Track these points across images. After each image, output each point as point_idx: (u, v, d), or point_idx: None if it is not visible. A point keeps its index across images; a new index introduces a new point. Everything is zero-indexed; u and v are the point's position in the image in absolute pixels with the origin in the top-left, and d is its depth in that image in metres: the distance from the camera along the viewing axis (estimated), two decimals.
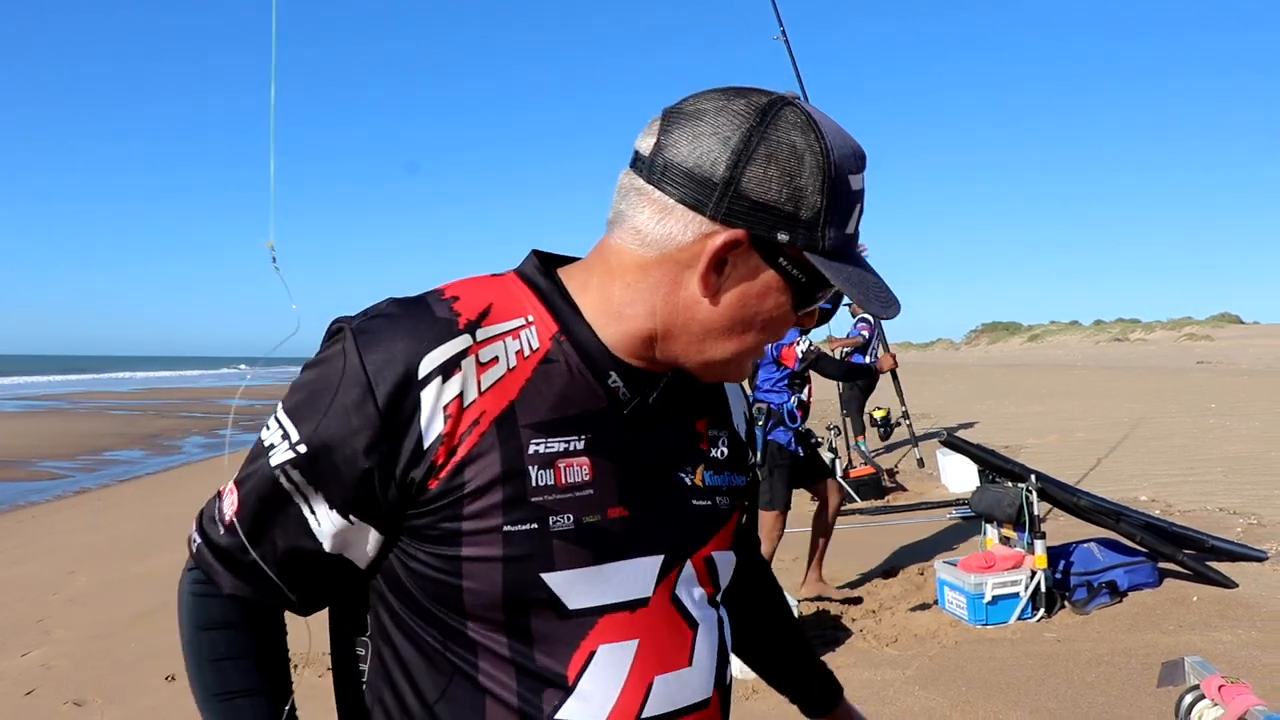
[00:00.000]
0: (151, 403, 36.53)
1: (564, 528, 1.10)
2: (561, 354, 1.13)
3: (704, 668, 1.22)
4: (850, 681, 4.62)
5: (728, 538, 1.28)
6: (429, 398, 1.06)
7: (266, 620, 1.18)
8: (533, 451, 1.09)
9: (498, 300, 1.14)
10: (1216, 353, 33.72)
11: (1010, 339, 71.57)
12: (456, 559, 1.08)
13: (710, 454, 1.26)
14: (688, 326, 1.12)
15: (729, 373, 1.19)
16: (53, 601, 7.46)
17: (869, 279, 1.13)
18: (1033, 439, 13.08)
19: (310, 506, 1.10)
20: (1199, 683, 2.15)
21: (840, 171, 1.07)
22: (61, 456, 17.92)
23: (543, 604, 1.10)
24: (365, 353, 1.07)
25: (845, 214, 1.09)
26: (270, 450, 1.11)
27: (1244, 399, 16.20)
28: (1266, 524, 7.17)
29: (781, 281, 1.10)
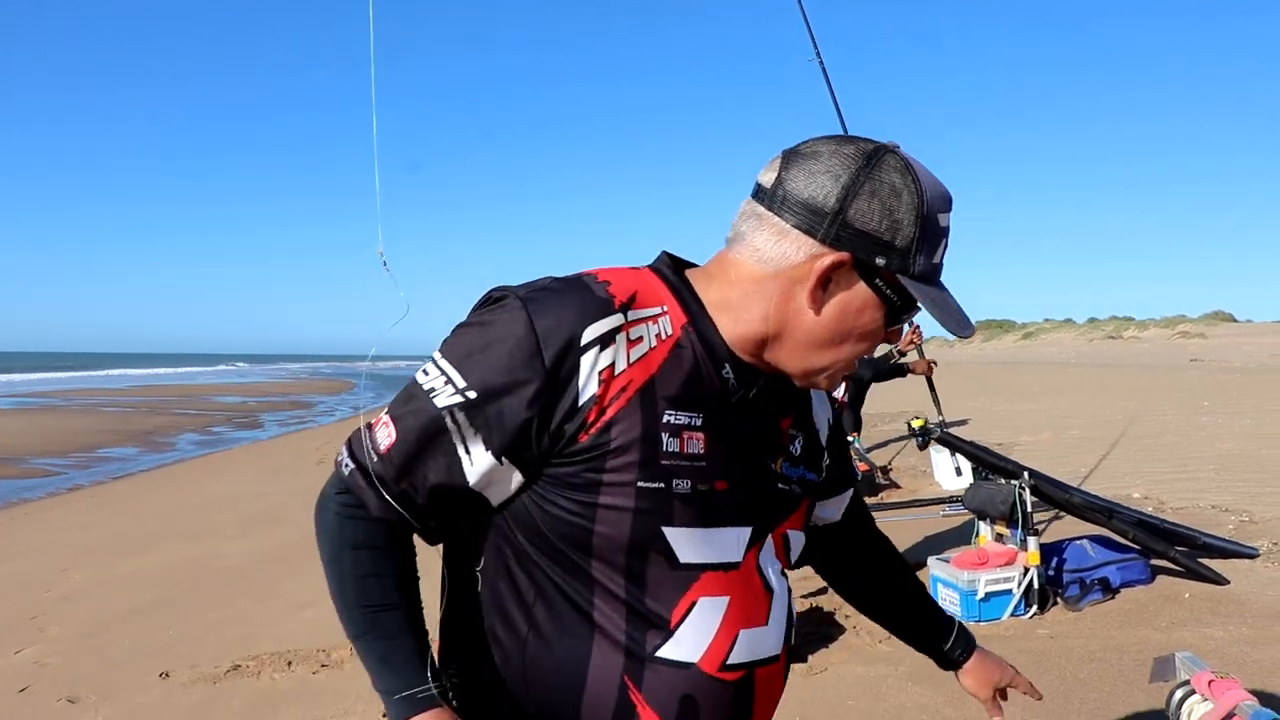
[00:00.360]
0: (145, 400, 36.42)
1: (683, 491, 1.28)
2: (689, 342, 1.32)
3: (778, 628, 1.42)
4: (844, 677, 4.64)
5: (800, 520, 1.50)
6: (587, 363, 1.23)
7: (405, 543, 1.34)
8: (666, 420, 1.27)
9: (642, 289, 1.32)
10: (1210, 351, 33.82)
11: (1004, 337, 71.72)
12: (593, 505, 1.26)
13: (789, 449, 1.46)
14: (794, 334, 1.31)
15: (822, 381, 1.38)
16: (46, 599, 7.44)
17: (950, 302, 1.33)
18: (1026, 436, 13.10)
19: (467, 447, 1.26)
20: (1189, 678, 2.16)
21: (931, 210, 1.27)
22: (55, 454, 17.86)
23: (659, 553, 1.29)
24: (536, 317, 1.23)
25: (934, 246, 1.29)
26: (432, 392, 1.26)
27: (1237, 397, 16.24)
28: (1258, 521, 7.19)
29: (876, 300, 1.29)
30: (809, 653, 5.01)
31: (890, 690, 4.41)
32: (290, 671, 5.18)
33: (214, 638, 5.98)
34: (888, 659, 4.86)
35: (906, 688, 4.42)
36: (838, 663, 4.89)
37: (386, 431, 1.29)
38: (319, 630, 5.77)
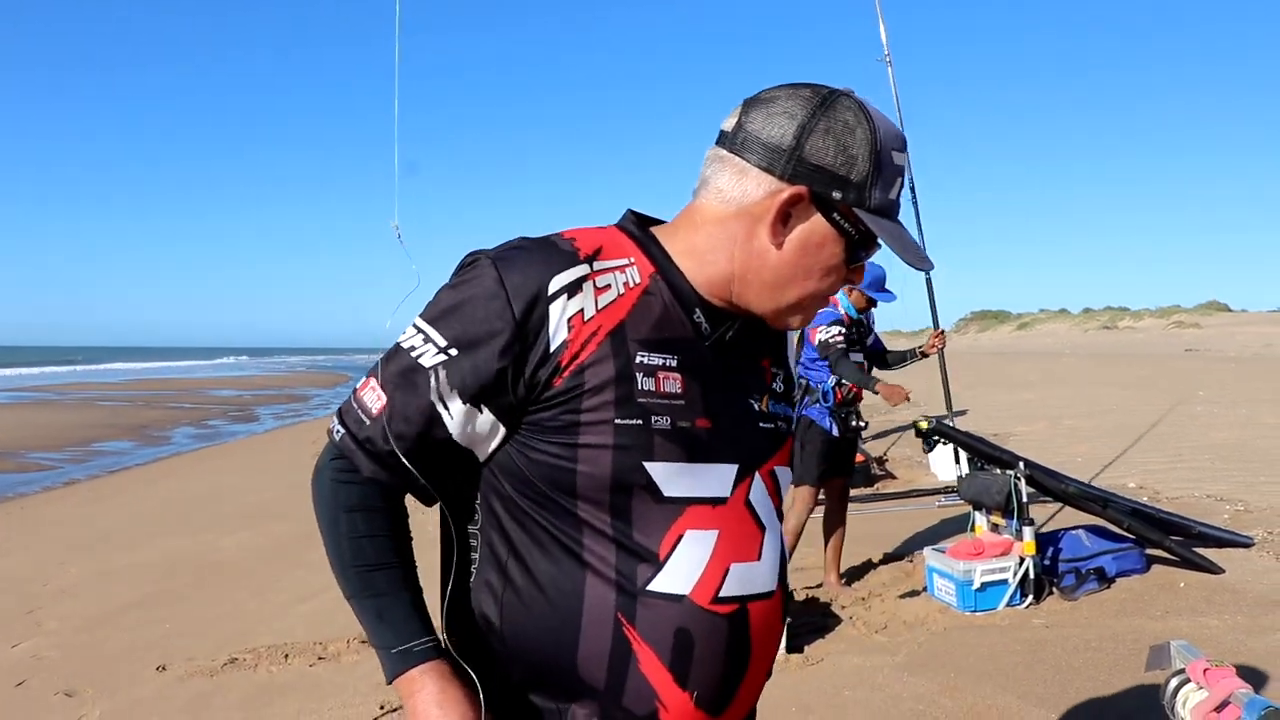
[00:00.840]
0: (140, 393, 36.34)
1: (662, 427, 1.32)
2: (658, 289, 1.37)
3: (770, 564, 1.45)
4: (840, 668, 4.65)
5: (785, 456, 1.53)
6: (556, 311, 1.29)
7: (398, 504, 1.39)
8: (639, 361, 1.32)
9: (607, 243, 1.38)
10: (1204, 340, 33.87)
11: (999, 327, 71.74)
12: (574, 446, 1.30)
13: (772, 386, 1.51)
14: (759, 272, 1.37)
15: (793, 319, 1.43)
16: (43, 593, 7.44)
17: (907, 236, 1.39)
18: (1021, 426, 13.13)
19: (446, 402, 1.31)
20: (1184, 666, 2.17)
21: (885, 146, 1.33)
22: (50, 448, 17.82)
23: (642, 488, 1.32)
24: (505, 274, 1.30)
25: (889, 181, 1.35)
26: (413, 351, 1.32)
27: (1231, 386, 16.27)
28: (1253, 510, 7.21)
29: (835, 234, 1.35)
30: (806, 643, 5.02)
31: (886, 680, 4.42)
32: (287, 664, 5.18)
33: (211, 631, 5.98)
34: (884, 649, 4.87)
35: (903, 677, 4.43)
36: (834, 653, 4.90)
37: (374, 395, 1.35)
38: (316, 623, 5.78)
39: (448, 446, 1.34)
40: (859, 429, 6.24)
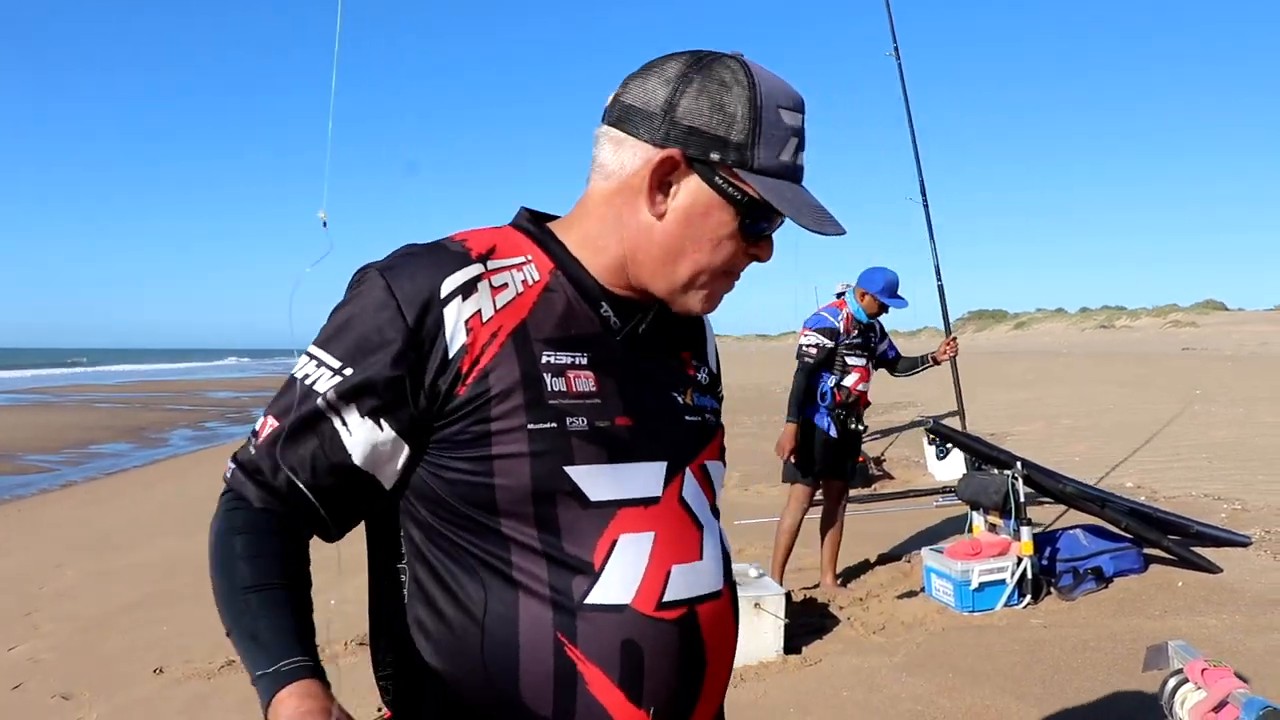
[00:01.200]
0: (138, 395, 36.34)
1: (580, 428, 1.24)
2: (559, 285, 1.31)
3: (714, 562, 1.37)
4: (838, 668, 4.65)
5: (717, 449, 1.46)
6: (451, 314, 1.22)
7: (291, 534, 1.25)
8: (545, 361, 1.25)
9: (500, 242, 1.32)
10: (1201, 339, 33.90)
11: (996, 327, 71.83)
12: (488, 459, 1.22)
13: (696, 378, 1.45)
14: (648, 249, 1.29)
15: (695, 301, 1.34)
16: (40, 595, 7.43)
17: (804, 199, 1.28)
18: (1019, 426, 13.14)
19: (345, 422, 1.22)
20: (1182, 666, 2.17)
21: (768, 101, 1.25)
22: (47, 450, 17.80)
23: (567, 495, 1.24)
24: (393, 282, 1.23)
25: (778, 141, 1.26)
26: (306, 378, 1.24)
27: (1229, 385, 16.28)
28: (1250, 509, 7.22)
29: (720, 199, 1.26)
30: (804, 644, 5.02)
31: (885, 680, 4.42)
32: None
33: (208, 633, 5.96)
34: (882, 650, 4.87)
35: (901, 678, 4.43)
36: (832, 654, 4.90)
37: (268, 428, 1.25)
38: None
39: (349, 474, 1.24)
40: (860, 431, 6.22)
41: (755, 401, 21.00)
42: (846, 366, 5.99)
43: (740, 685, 4.54)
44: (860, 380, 6.02)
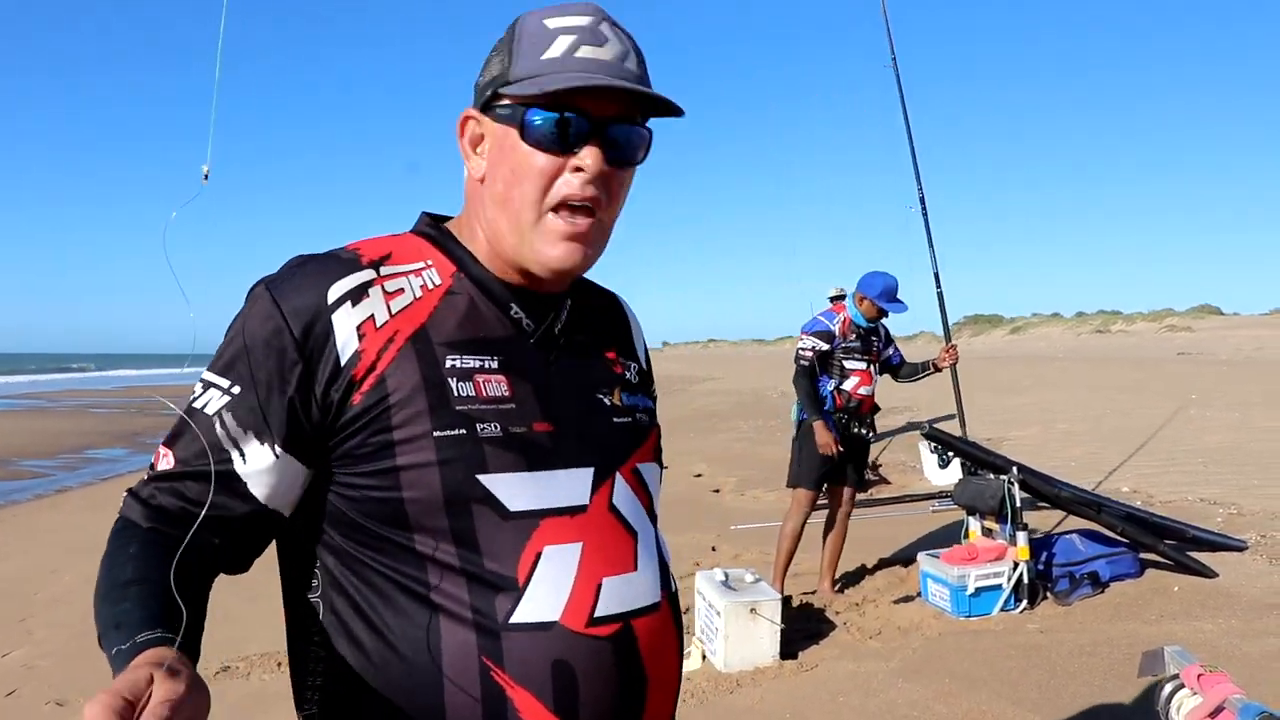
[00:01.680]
0: (133, 400, 36.28)
1: (493, 434, 1.18)
2: (463, 288, 1.26)
3: (650, 573, 1.29)
4: (834, 674, 4.64)
5: (650, 451, 1.39)
6: (340, 320, 1.16)
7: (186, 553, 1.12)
8: (450, 365, 1.19)
9: (396, 249, 1.26)
10: (1197, 344, 33.93)
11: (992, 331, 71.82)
12: (394, 470, 1.15)
13: (624, 377, 1.40)
14: (490, 214, 1.25)
15: (548, 248, 1.22)
16: (35, 601, 7.42)
17: (565, 74, 1.18)
18: (1015, 431, 13.13)
19: (240, 447, 1.16)
20: (1178, 672, 2.17)
21: (528, 22, 1.22)
22: (42, 455, 17.77)
23: (482, 504, 1.16)
24: (279, 295, 1.17)
25: (540, 46, 1.20)
26: (197, 402, 1.18)
27: (1224, 390, 16.29)
28: (1246, 514, 7.22)
29: (504, 127, 1.22)
30: (800, 649, 5.02)
31: (881, 686, 4.42)
32: (280, 672, 5.17)
33: (203, 639, 5.96)
34: (878, 655, 4.86)
35: (897, 683, 4.42)
36: (829, 659, 4.89)
37: (163, 460, 1.19)
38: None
39: (244, 499, 1.17)
40: (865, 437, 6.20)
41: (752, 407, 21.02)
42: (845, 371, 6.00)
43: (736, 691, 4.54)
44: (861, 384, 6.02)
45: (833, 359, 5.99)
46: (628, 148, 1.24)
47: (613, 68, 1.19)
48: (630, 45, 1.24)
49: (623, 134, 1.22)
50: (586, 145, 1.19)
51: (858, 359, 6.02)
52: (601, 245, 1.27)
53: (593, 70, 1.18)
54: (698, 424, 17.88)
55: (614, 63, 1.20)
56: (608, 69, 1.19)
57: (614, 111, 1.20)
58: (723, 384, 31.63)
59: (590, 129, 1.19)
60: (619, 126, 1.21)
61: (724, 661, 4.83)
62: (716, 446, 14.18)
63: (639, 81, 1.21)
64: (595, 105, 1.19)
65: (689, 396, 26.73)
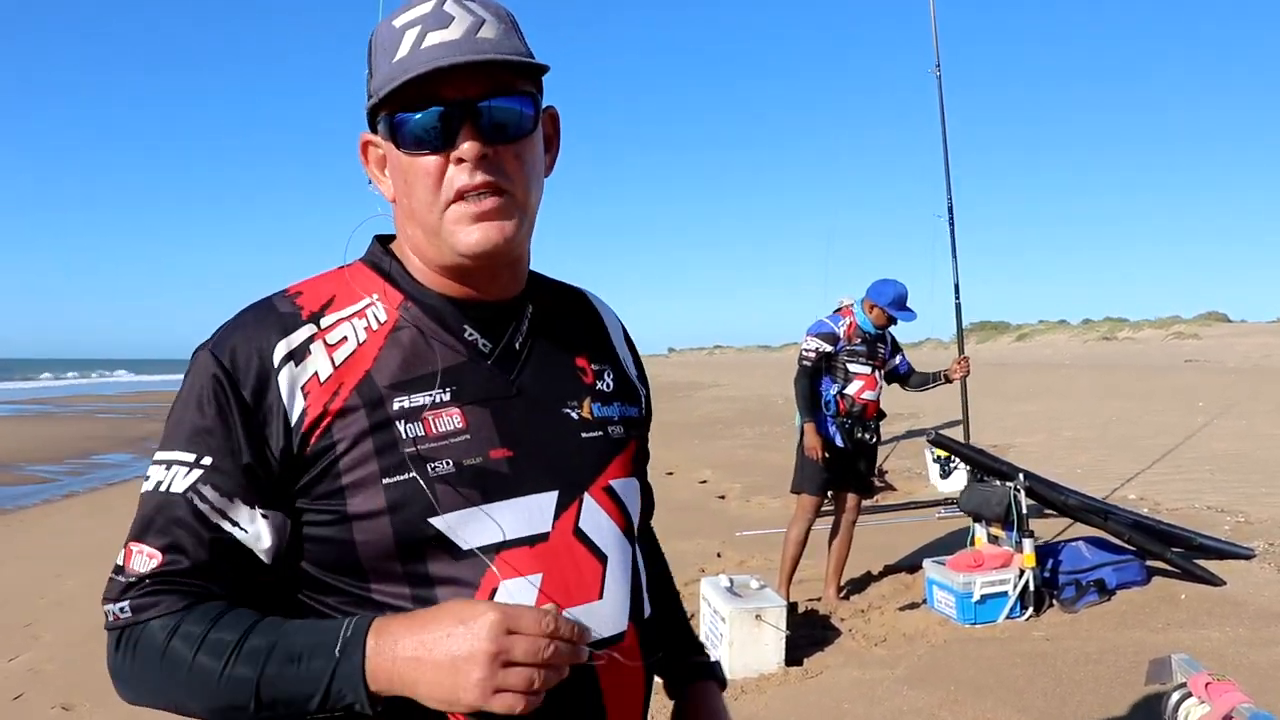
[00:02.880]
0: (140, 405, 36.35)
1: (445, 472, 1.14)
2: (410, 320, 1.21)
3: (617, 601, 1.23)
4: (839, 681, 4.63)
5: (626, 465, 1.31)
6: (285, 382, 1.13)
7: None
8: (397, 408, 1.15)
9: (339, 290, 1.22)
10: (1204, 351, 33.81)
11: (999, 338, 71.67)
12: (345, 518, 1.12)
13: (596, 386, 1.32)
14: (410, 231, 1.22)
15: (463, 241, 1.16)
16: (41, 605, 7.43)
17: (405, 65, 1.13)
18: (1020, 438, 13.11)
19: (230, 517, 1.12)
20: (1186, 680, 2.16)
21: (379, 31, 1.19)
22: (49, 460, 17.83)
23: (434, 547, 1.13)
24: (222, 358, 1.14)
25: (390, 50, 1.16)
26: (161, 486, 1.13)
27: (1231, 397, 16.25)
28: (1254, 522, 7.20)
29: (387, 141, 1.19)
30: (804, 656, 5.01)
31: (886, 694, 4.41)
32: None
33: None
34: (883, 663, 4.85)
35: (902, 691, 4.41)
36: (833, 666, 4.88)
37: (138, 558, 1.12)
38: None
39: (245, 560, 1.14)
40: (870, 442, 6.19)
41: (758, 413, 21.01)
42: (849, 374, 5.99)
43: (741, 698, 4.53)
44: (865, 388, 6.01)
45: (836, 362, 5.98)
46: (507, 123, 1.17)
47: (463, 45, 1.13)
48: (485, 14, 1.17)
49: (497, 110, 1.16)
50: (461, 133, 1.14)
51: (862, 363, 6.01)
52: (522, 221, 1.20)
53: (441, 55, 1.12)
54: (703, 430, 17.87)
55: (464, 40, 1.14)
56: (457, 49, 1.13)
57: (481, 89, 1.14)
58: (728, 390, 31.61)
59: (459, 116, 1.14)
60: (491, 103, 1.15)
61: (728, 668, 4.82)
62: (722, 452, 14.17)
63: (499, 49, 1.15)
64: (458, 88, 1.13)
65: (694, 403, 26.72)
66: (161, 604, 1.10)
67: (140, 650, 1.09)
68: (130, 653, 1.10)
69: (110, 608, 1.12)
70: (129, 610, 1.11)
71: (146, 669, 1.09)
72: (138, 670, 1.10)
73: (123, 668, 1.11)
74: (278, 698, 1.04)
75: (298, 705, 1.05)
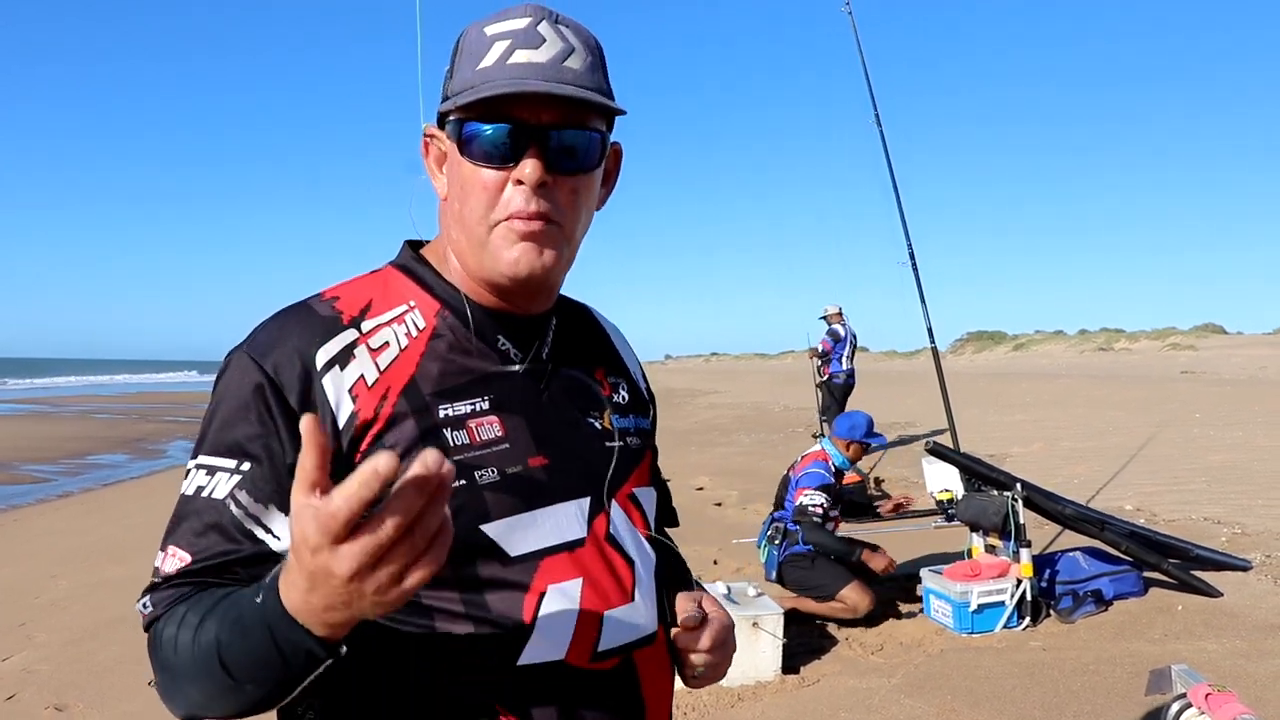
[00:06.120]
0: (136, 406, 36.32)
1: (490, 480, 1.15)
2: (448, 328, 1.21)
3: (647, 602, 1.27)
4: (836, 689, 4.62)
5: (645, 474, 1.36)
6: (330, 385, 1.12)
7: None
8: (443, 416, 1.15)
9: (376, 295, 1.22)
10: (1200, 363, 33.85)
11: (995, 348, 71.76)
12: None
13: (613, 399, 1.36)
14: (455, 235, 1.22)
15: (505, 258, 1.17)
16: (34, 605, 7.41)
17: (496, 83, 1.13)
18: (1017, 448, 13.11)
19: (264, 524, 1.10)
20: (1186, 691, 2.16)
21: (470, 32, 1.19)
22: (44, 460, 17.79)
23: (485, 553, 1.13)
24: (262, 361, 1.13)
25: (476, 55, 1.16)
26: (203, 491, 1.11)
27: (1227, 409, 16.26)
28: (1250, 533, 7.19)
29: (451, 142, 1.19)
30: (801, 664, 5.00)
31: (883, 702, 4.40)
32: None
33: None
34: (880, 671, 4.85)
35: (899, 700, 4.40)
36: (830, 674, 4.87)
37: (173, 560, 1.12)
38: None
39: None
40: None
41: (754, 420, 21.00)
42: (828, 517, 5.98)
43: (737, 705, 4.52)
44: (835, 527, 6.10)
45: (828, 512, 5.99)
46: (573, 155, 1.17)
47: (548, 70, 1.14)
48: (575, 42, 1.18)
49: (566, 140, 1.16)
50: (526, 155, 1.14)
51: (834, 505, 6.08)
52: (565, 251, 1.21)
53: (526, 75, 1.13)
54: (700, 437, 17.86)
55: (550, 65, 1.14)
56: (542, 72, 1.14)
57: (554, 117, 1.15)
58: (725, 397, 31.60)
59: (528, 138, 1.14)
60: (561, 133, 1.16)
61: (725, 676, 4.81)
62: (718, 459, 14.16)
63: (581, 81, 1.16)
64: (531, 112, 1.14)
65: (691, 410, 26.71)
66: (176, 599, 1.10)
67: (157, 646, 1.10)
68: (154, 652, 1.10)
69: (137, 605, 1.15)
70: (149, 605, 1.13)
71: (160, 664, 1.09)
72: (158, 668, 1.09)
73: (155, 669, 1.11)
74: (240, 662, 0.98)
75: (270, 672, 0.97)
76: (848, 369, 12.98)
